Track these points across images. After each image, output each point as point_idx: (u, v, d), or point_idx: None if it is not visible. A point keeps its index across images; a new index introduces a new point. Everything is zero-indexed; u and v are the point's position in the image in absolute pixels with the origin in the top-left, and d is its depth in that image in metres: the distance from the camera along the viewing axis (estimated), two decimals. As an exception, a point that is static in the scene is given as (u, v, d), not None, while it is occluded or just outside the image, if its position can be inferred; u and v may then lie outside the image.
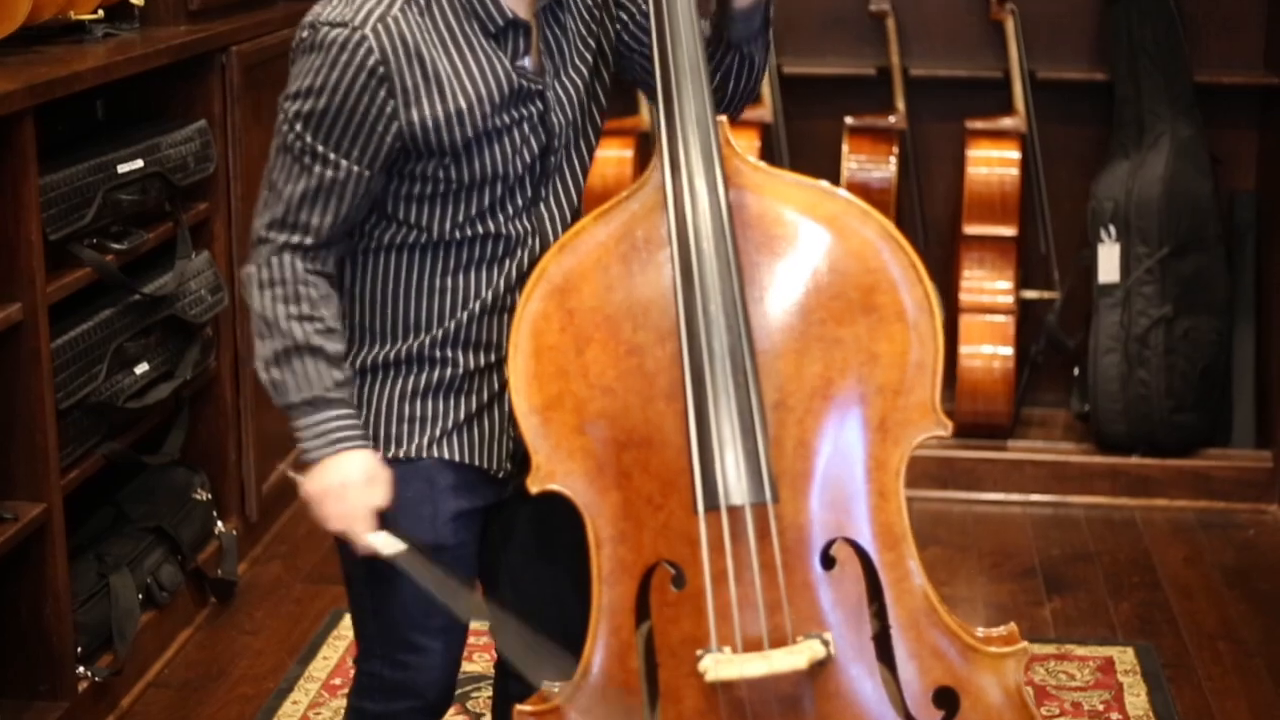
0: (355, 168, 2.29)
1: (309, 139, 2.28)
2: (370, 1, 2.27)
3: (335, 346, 2.36)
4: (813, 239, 2.35)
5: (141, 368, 3.70)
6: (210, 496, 4.09)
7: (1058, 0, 4.97)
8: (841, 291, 2.33)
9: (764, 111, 4.87)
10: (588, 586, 2.36)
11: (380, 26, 2.26)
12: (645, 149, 4.82)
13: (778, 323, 2.33)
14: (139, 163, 3.68)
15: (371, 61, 2.25)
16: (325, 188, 2.30)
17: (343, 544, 2.54)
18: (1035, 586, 4.22)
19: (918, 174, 5.03)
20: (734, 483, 2.26)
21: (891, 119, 4.93)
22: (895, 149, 4.90)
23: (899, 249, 2.34)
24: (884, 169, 4.88)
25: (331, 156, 2.28)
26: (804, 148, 4.93)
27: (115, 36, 3.86)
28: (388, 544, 2.37)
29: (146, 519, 3.85)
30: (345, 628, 3.96)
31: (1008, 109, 4.90)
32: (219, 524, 4.13)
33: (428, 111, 2.29)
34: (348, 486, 2.35)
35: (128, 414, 3.64)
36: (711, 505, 2.26)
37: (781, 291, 2.34)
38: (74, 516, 3.55)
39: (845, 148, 4.89)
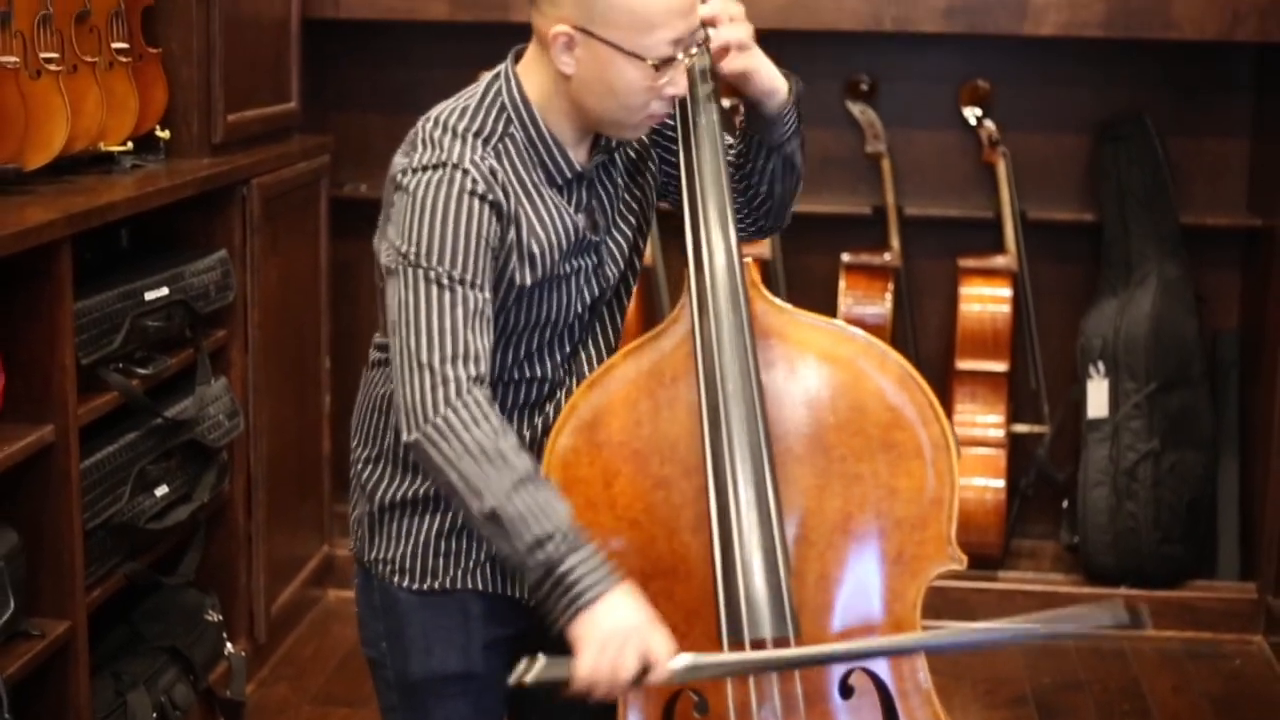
0: (488, 290, 2.35)
1: (448, 268, 2.31)
2: (456, 145, 2.38)
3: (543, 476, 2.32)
4: (833, 378, 2.47)
5: (161, 490, 3.79)
6: (221, 618, 4.16)
7: (1048, 143, 5.13)
8: (861, 429, 2.44)
9: (763, 248, 5.00)
10: (613, 713, 2.44)
11: (475, 159, 2.37)
12: (648, 283, 4.94)
13: (799, 460, 2.44)
14: (164, 290, 3.79)
15: (480, 189, 2.35)
16: (478, 309, 2.31)
17: (378, 672, 2.63)
18: (1028, 714, 4.31)
19: (911, 310, 5.16)
20: (758, 616, 2.34)
21: (886, 256, 5.06)
22: (890, 285, 5.03)
23: (916, 388, 2.46)
24: (879, 305, 5.01)
25: (470, 278, 2.31)
26: (801, 283, 5.06)
27: (142, 168, 3.97)
28: (682, 660, 2.27)
29: (161, 639, 3.92)
30: (353, 748, 4.04)
31: (999, 248, 5.04)
32: (228, 645, 4.19)
33: (514, 244, 2.40)
34: (644, 623, 2.25)
35: (148, 535, 3.73)
36: (736, 638, 2.35)
37: (803, 430, 2.45)
38: (91, 634, 3.62)
39: (842, 284, 5.02)
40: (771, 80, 2.53)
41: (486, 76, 2.51)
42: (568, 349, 2.54)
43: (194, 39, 4.14)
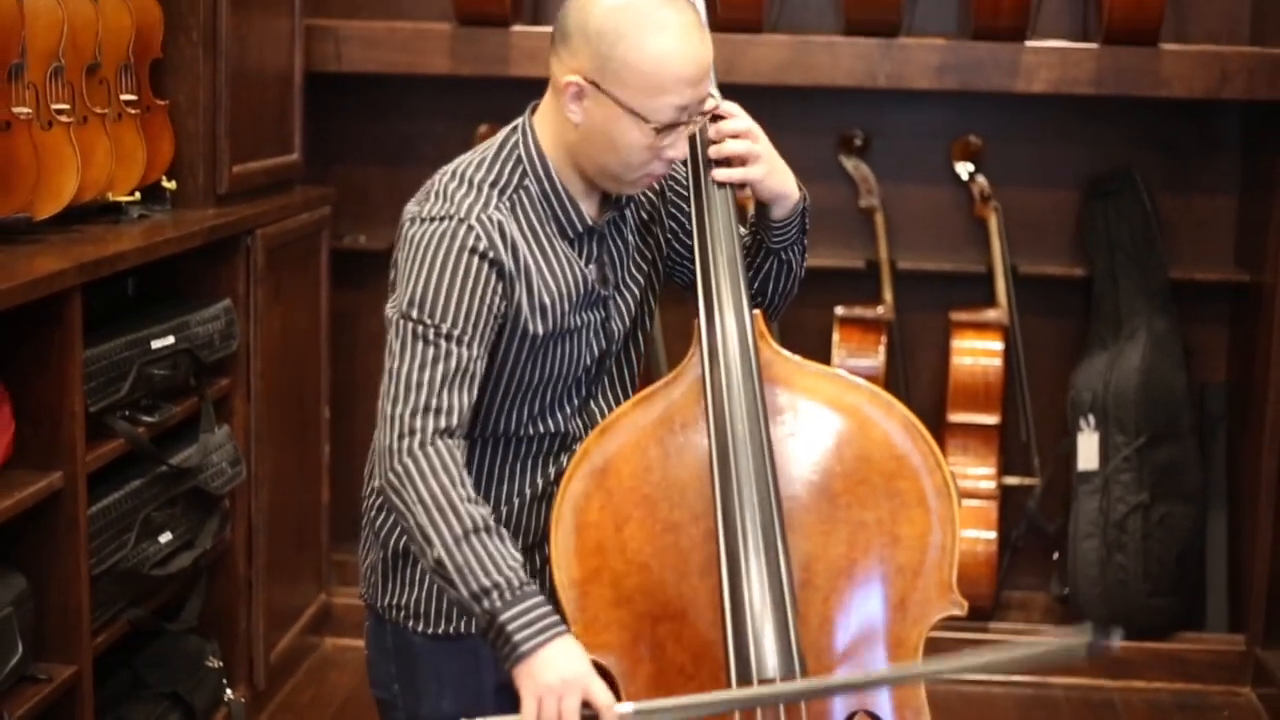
0: (477, 348, 2.40)
1: (437, 321, 2.38)
2: (468, 198, 2.45)
3: (501, 528, 2.37)
4: (839, 427, 2.53)
5: (165, 537, 3.83)
6: (221, 664, 4.19)
7: (1038, 198, 5.20)
8: (866, 477, 2.50)
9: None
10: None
11: (482, 216, 2.44)
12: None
13: (805, 506, 2.49)
14: (170, 339, 3.84)
15: (481, 246, 2.41)
16: (462, 368, 2.38)
17: (389, 714, 2.68)
18: (1021, 764, 4.35)
19: (904, 362, 5.22)
20: (766, 657, 2.40)
21: (879, 309, 5.12)
22: (883, 338, 5.09)
23: (920, 437, 2.52)
24: (872, 357, 5.06)
25: (458, 334, 2.38)
26: (795, 336, 5.08)
27: (149, 218, 4.03)
28: (627, 706, 2.32)
29: (162, 684, 3.94)
30: (352, 795, 4.06)
31: (990, 302, 5.11)
32: (228, 691, 4.22)
33: (523, 299, 2.46)
34: (583, 672, 2.30)
35: (152, 581, 3.76)
36: (744, 677, 2.40)
37: (809, 476, 2.50)
38: (94, 680, 3.64)
39: (835, 336, 5.08)
40: (778, 189, 2.59)
41: (505, 130, 2.57)
42: (576, 403, 2.59)
43: (200, 91, 4.20)
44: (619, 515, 2.48)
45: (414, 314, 2.40)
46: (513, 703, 2.64)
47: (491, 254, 2.43)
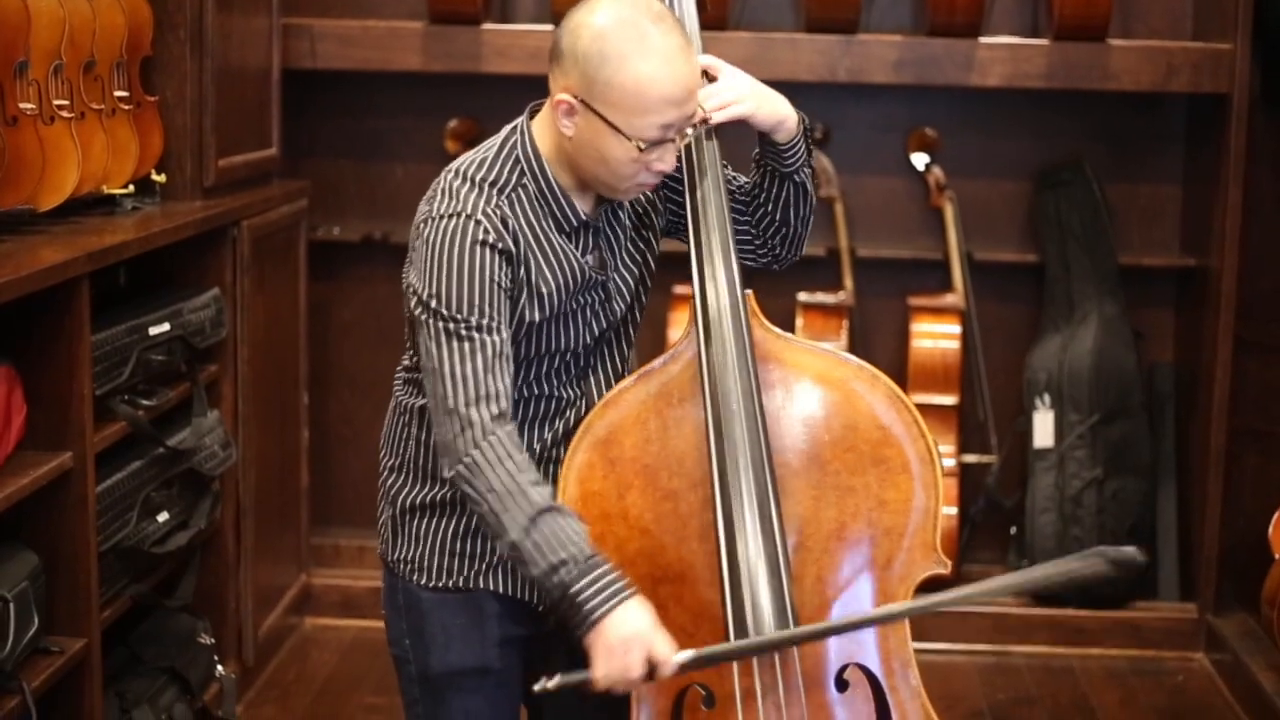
0: (505, 331, 2.57)
1: (466, 315, 2.53)
2: (472, 195, 2.60)
3: (564, 505, 2.54)
4: (827, 399, 2.69)
5: (163, 516, 3.96)
6: (213, 640, 4.33)
7: (992, 188, 5.38)
8: (853, 445, 2.67)
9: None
10: (625, 709, 2.65)
11: (487, 210, 2.59)
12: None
13: (796, 473, 2.66)
14: (166, 326, 3.98)
15: (491, 238, 2.57)
16: (497, 352, 2.54)
17: (402, 669, 2.84)
18: (984, 728, 4.53)
19: (865, 346, 5.38)
20: (763, 614, 2.57)
21: (840, 295, 5.29)
22: (844, 323, 5.26)
23: (904, 408, 2.69)
24: (834, 341, 5.22)
25: (486, 323, 2.53)
26: (760, 320, 5.26)
27: (140, 209, 4.16)
28: (685, 654, 2.49)
29: (159, 660, 4.08)
30: (342, 766, 4.21)
31: (948, 287, 5.29)
32: (219, 667, 4.36)
33: (523, 285, 2.61)
34: (646, 630, 2.47)
35: (151, 559, 3.90)
36: (741, 633, 2.57)
37: (800, 445, 2.67)
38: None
39: (799, 322, 5.24)
40: (774, 116, 2.75)
41: (505, 130, 2.72)
42: (574, 373, 2.75)
43: (188, 88, 4.33)
44: (621, 484, 2.65)
45: (442, 310, 2.54)
46: (517, 656, 2.81)
47: (500, 245, 2.58)
